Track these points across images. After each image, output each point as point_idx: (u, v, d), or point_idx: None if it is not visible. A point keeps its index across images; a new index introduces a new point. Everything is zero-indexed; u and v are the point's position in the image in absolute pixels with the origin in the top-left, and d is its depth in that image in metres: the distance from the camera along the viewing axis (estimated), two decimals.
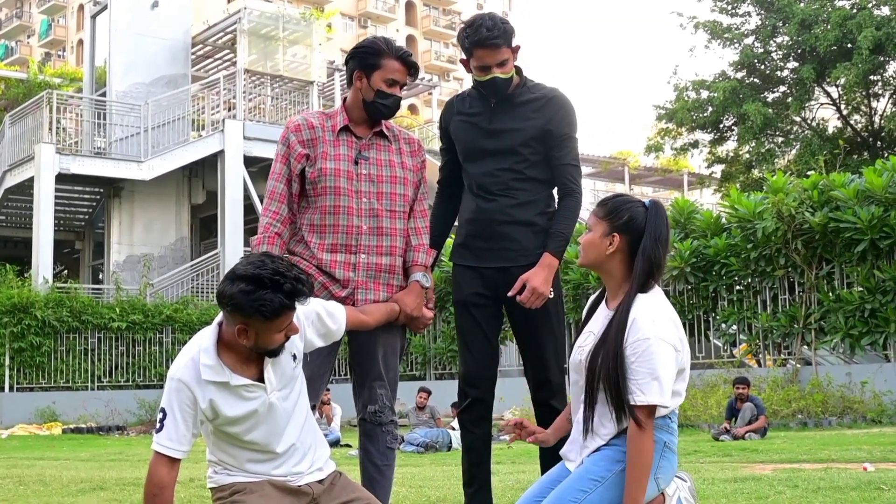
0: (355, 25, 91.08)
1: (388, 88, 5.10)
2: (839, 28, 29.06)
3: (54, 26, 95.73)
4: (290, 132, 5.16)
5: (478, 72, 5.27)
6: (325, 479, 4.33)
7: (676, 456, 4.25)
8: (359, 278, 5.08)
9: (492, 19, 5.22)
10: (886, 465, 8.04)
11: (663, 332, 4.03)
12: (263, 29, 32.85)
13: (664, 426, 4.13)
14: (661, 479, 4.14)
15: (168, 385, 4.08)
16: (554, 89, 5.42)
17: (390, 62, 5.10)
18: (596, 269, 4.34)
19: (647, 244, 4.16)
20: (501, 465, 9.53)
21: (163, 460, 4.07)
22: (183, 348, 4.18)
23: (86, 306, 25.03)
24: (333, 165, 5.08)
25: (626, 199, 4.31)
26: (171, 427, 4.05)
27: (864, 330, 15.45)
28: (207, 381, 4.05)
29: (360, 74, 5.14)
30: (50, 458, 13.46)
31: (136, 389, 25.22)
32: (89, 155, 29.20)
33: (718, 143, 34.91)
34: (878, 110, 33.07)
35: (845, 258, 15.67)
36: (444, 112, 5.64)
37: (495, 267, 5.30)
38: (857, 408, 14.69)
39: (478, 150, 5.37)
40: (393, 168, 5.21)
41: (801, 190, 15.92)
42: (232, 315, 3.96)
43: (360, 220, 5.09)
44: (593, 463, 4.12)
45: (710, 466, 8.74)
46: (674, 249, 17.30)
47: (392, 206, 5.17)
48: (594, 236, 4.25)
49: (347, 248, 5.08)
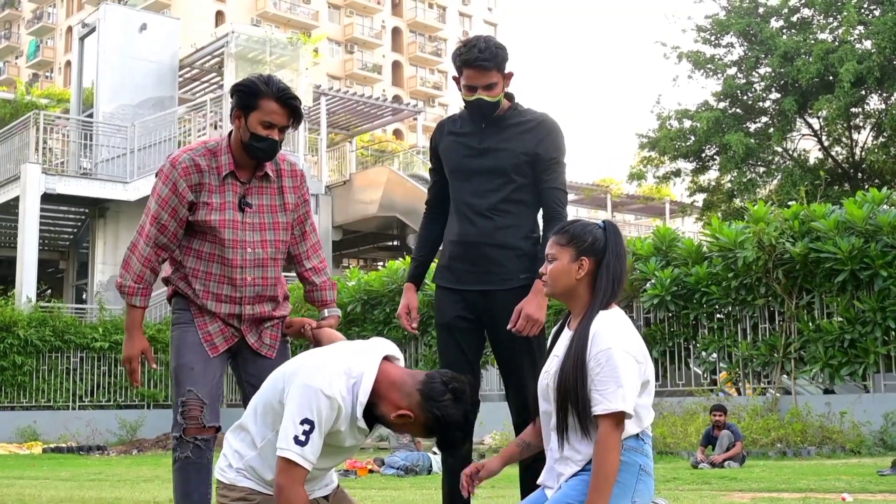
0: (342, 51, 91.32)
1: (263, 131, 4.89)
2: (821, 61, 29.19)
3: (42, 48, 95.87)
4: (178, 176, 4.95)
5: (465, 91, 5.28)
6: (330, 496, 4.40)
7: (653, 479, 4.24)
8: (244, 326, 5.09)
9: (486, 42, 5.23)
10: (865, 496, 8.04)
11: (625, 343, 4.06)
12: (251, 53, 32.92)
13: (638, 448, 4.14)
14: (638, 501, 4.14)
15: (319, 400, 3.91)
16: (544, 114, 5.44)
17: (268, 103, 4.89)
18: (564, 297, 4.34)
19: (609, 261, 4.21)
20: (482, 489, 9.48)
21: (303, 475, 3.93)
22: (328, 362, 4.07)
23: (69, 326, 24.96)
24: (218, 217, 4.98)
25: (583, 223, 4.36)
26: (317, 442, 3.91)
27: (843, 360, 15.45)
28: (353, 417, 4.00)
29: (238, 114, 4.94)
30: (30, 478, 13.38)
31: (118, 409, 25.13)
32: (75, 175, 29.16)
33: (700, 173, 35.01)
34: (858, 142, 33.21)
35: (825, 288, 15.68)
36: (436, 132, 5.64)
37: (478, 290, 5.30)
38: (836, 438, 14.67)
39: (466, 168, 5.37)
40: (275, 214, 5.12)
41: (782, 220, 15.94)
42: (422, 405, 3.97)
43: (245, 271, 5.03)
44: (570, 487, 4.12)
45: (689, 494, 8.72)
46: (654, 277, 17.32)
47: (276, 255, 5.13)
48: (562, 264, 4.27)
49: (231, 300, 5.05)
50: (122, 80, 31.22)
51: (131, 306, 5.07)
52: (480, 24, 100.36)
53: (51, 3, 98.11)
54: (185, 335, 5.09)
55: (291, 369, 4.10)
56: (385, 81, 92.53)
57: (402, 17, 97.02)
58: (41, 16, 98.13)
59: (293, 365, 4.13)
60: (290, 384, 4.02)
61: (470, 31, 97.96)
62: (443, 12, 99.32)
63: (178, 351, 5.11)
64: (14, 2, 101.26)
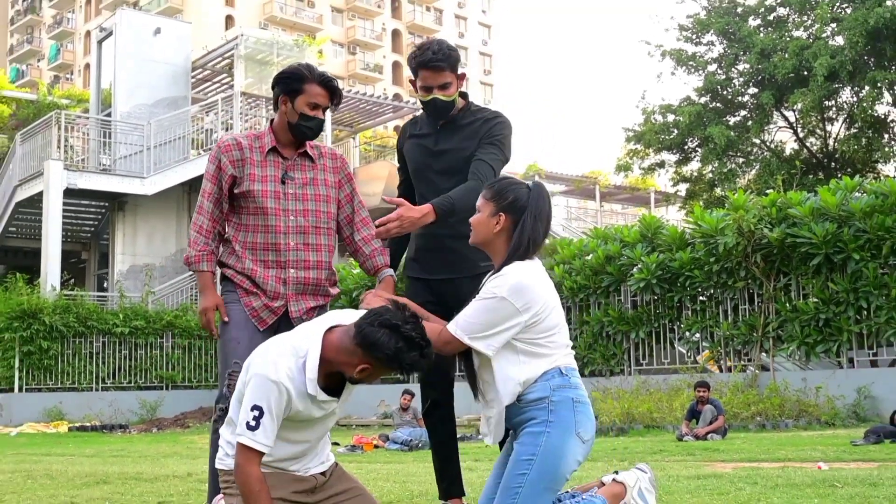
0: (345, 52, 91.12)
1: (310, 111, 5.12)
2: (796, 57, 29.13)
3: (63, 51, 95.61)
4: (221, 153, 5.18)
5: (421, 91, 5.32)
6: (327, 472, 4.38)
7: (589, 406, 4.28)
8: (289, 292, 5.14)
9: (439, 45, 5.28)
10: (839, 465, 8.06)
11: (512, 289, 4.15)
12: (259, 54, 32.88)
13: (565, 384, 4.21)
14: (583, 432, 4.18)
15: (265, 385, 3.97)
16: (497, 112, 5.49)
17: (313, 87, 5.12)
18: (485, 247, 4.43)
19: (526, 221, 4.29)
20: (478, 461, 9.52)
21: (257, 457, 3.99)
22: (273, 349, 4.10)
23: (91, 312, 24.93)
24: (261, 187, 5.12)
25: (511, 181, 4.45)
26: (268, 426, 3.96)
27: (818, 338, 15.50)
28: (307, 394, 4.02)
29: (284, 99, 5.15)
30: (57, 454, 13.40)
31: (138, 390, 25.15)
32: (95, 171, 29.13)
33: (683, 164, 34.92)
34: (832, 133, 33.14)
35: (801, 271, 15.71)
36: (400, 135, 5.71)
37: (444, 278, 5.36)
38: (812, 411, 14.71)
39: (425, 169, 5.44)
40: (317, 186, 5.25)
41: (760, 207, 15.96)
42: (366, 354, 3.94)
43: (288, 237, 5.13)
44: (520, 445, 4.18)
45: (675, 465, 8.75)
46: (641, 262, 17.35)
47: (318, 223, 5.22)
48: (482, 216, 4.38)
49: (277, 264, 5.13)
50: (138, 81, 31.16)
51: (200, 272, 5.21)
52: (475, 26, 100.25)
53: (70, 9, 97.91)
54: (232, 312, 5.18)
55: (250, 359, 4.15)
56: (386, 80, 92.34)
57: (401, 19, 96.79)
58: (61, 21, 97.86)
59: (252, 355, 4.18)
60: (247, 374, 4.09)
61: (465, 33, 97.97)
62: (439, 15, 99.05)
63: (225, 327, 5.20)
64: (36, 8, 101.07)
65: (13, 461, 11.69)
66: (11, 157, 31.11)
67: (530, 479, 4.07)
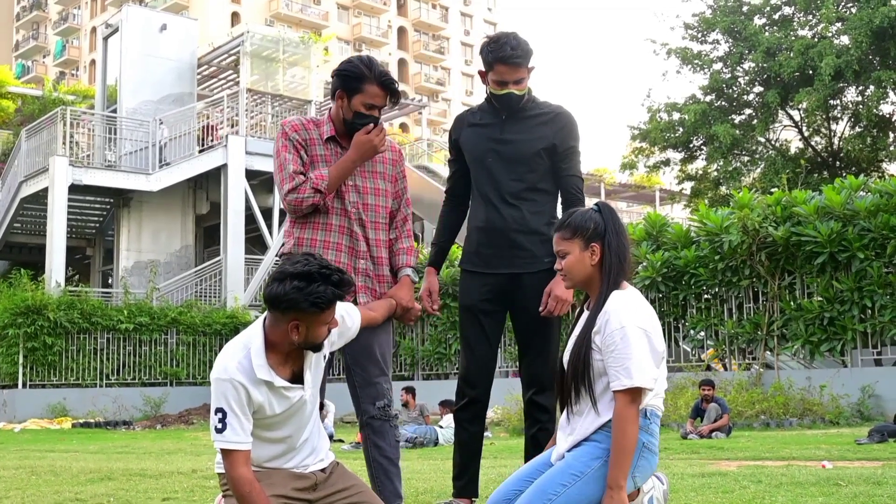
0: (350, 49, 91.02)
1: (366, 111, 4.91)
2: (801, 56, 29.11)
3: (68, 47, 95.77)
4: (289, 130, 4.99)
5: (495, 85, 5.24)
6: (327, 469, 4.34)
7: (656, 457, 4.20)
8: (358, 283, 4.96)
9: (516, 39, 5.20)
10: (844, 463, 8.05)
11: (637, 320, 4.02)
12: (265, 51, 32.89)
13: (644, 427, 4.10)
14: (639, 477, 4.12)
15: (219, 386, 3.95)
16: (560, 106, 5.43)
17: (371, 87, 4.90)
18: (584, 286, 4.29)
19: (611, 240, 4.18)
20: (484, 459, 9.51)
21: (239, 457, 3.95)
22: (225, 351, 4.07)
23: (95, 309, 24.98)
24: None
25: (580, 212, 4.31)
26: (235, 424, 3.92)
27: (822, 337, 15.50)
28: (261, 380, 3.98)
29: (341, 94, 4.95)
30: (60, 451, 13.41)
31: (142, 387, 25.21)
32: (100, 167, 29.17)
33: (689, 162, 34.93)
34: (837, 132, 33.12)
35: (806, 270, 15.71)
36: (455, 125, 5.58)
37: (506, 273, 5.27)
38: (816, 410, 14.71)
39: (489, 158, 5.33)
40: (375, 180, 5.08)
41: (765, 206, 15.97)
42: (284, 313, 3.90)
43: (354, 226, 4.98)
44: (574, 458, 4.10)
45: (679, 462, 8.74)
46: (646, 260, 17.34)
47: (376, 218, 5.06)
48: (574, 256, 4.22)
49: (350, 251, 4.98)
50: (144, 77, 31.22)
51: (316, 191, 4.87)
52: (481, 24, 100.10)
53: (76, 5, 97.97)
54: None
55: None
56: None
57: (406, 17, 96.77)
58: (67, 17, 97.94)
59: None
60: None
61: (471, 31, 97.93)
62: (445, 12, 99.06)
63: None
64: (41, 4, 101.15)
65: (17, 457, 11.70)
66: (17, 153, 31.15)
67: (569, 493, 4.02)
